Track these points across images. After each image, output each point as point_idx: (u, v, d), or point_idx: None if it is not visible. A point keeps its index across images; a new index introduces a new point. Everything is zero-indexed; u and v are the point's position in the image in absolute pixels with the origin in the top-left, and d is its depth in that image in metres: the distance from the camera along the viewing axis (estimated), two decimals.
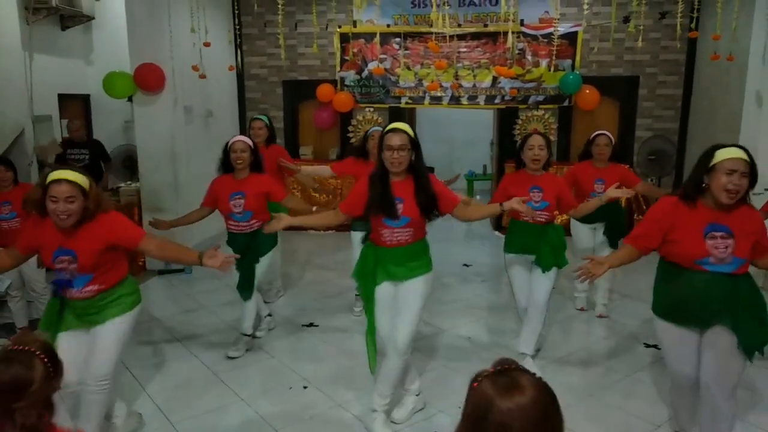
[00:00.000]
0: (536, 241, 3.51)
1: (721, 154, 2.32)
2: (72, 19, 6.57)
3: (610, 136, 4.36)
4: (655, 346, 3.86)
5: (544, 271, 3.51)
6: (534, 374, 1.12)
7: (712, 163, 2.33)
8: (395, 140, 2.73)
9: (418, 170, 2.81)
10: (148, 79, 5.54)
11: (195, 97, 6.35)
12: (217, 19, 6.80)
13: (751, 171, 2.30)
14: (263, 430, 3.03)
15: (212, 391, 3.45)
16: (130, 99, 5.93)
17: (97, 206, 2.55)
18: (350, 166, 4.40)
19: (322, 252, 6.65)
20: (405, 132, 2.76)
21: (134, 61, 5.58)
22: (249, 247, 3.80)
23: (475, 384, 1.10)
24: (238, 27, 7.18)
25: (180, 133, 5.97)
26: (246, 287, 3.86)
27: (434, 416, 3.15)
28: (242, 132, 7.12)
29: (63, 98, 6.63)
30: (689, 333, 2.50)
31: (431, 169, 10.60)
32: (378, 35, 5.96)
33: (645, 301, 3.24)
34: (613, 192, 3.44)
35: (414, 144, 2.78)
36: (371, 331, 2.94)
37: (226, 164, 3.82)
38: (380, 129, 3.43)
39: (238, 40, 7.40)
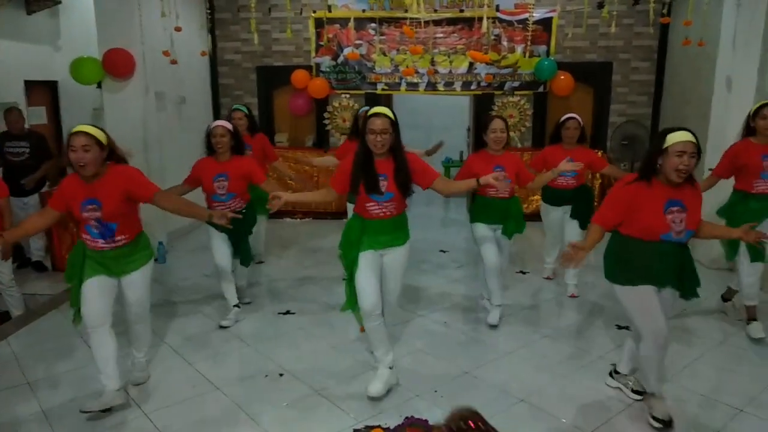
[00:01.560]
0: (502, 214, 4.00)
1: (673, 138, 2.62)
2: (37, 2, 6.38)
3: (579, 119, 4.51)
4: (626, 328, 3.94)
5: (509, 238, 4.10)
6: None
7: (664, 146, 2.62)
8: (378, 124, 2.94)
9: (397, 151, 3.05)
10: (117, 65, 5.41)
11: (167, 83, 6.22)
12: (189, 3, 6.66)
13: (697, 152, 2.61)
14: (239, 418, 3.02)
15: (187, 380, 3.41)
16: (99, 85, 5.79)
17: (116, 155, 2.97)
18: (349, 149, 4.47)
19: (301, 240, 6.62)
20: (387, 116, 2.97)
21: (102, 46, 5.44)
22: (232, 226, 3.93)
23: None
24: (209, 11, 7.05)
25: (152, 120, 5.86)
26: (245, 259, 4.29)
27: (410, 400, 3.17)
28: (216, 118, 7.01)
29: (30, 85, 6.45)
30: (651, 289, 2.79)
31: None
32: (352, 20, 5.90)
33: None
34: (564, 165, 3.92)
35: (395, 126, 3.00)
36: (351, 282, 3.18)
37: (210, 147, 4.03)
38: (368, 108, 3.66)
39: (211, 24, 7.27)
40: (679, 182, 2.65)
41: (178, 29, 5.31)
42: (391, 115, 2.98)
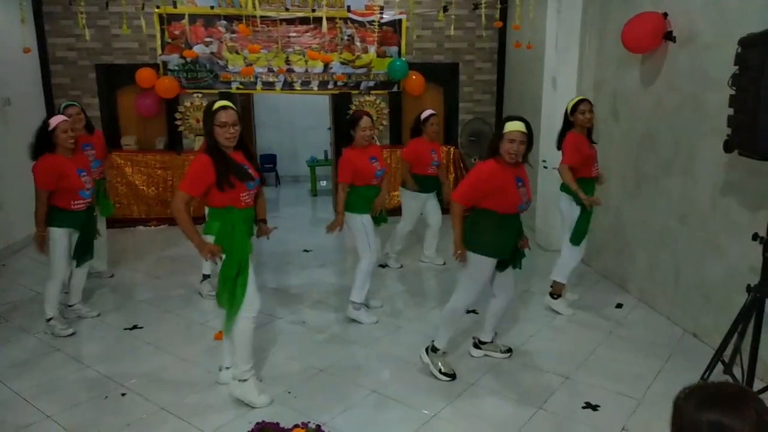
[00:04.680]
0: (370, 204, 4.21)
1: (508, 126, 3.10)
2: None
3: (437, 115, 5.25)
4: (474, 312, 4.20)
5: (378, 225, 4.30)
6: None
7: (502, 132, 3.09)
8: (229, 116, 2.95)
9: (244, 142, 3.12)
10: None
11: None
12: None
13: (528, 139, 3.08)
14: None
15: (12, 411, 3.08)
16: None
17: None
18: None
19: (155, 248, 6.24)
20: (233, 108, 3.02)
21: None
22: (88, 222, 4.04)
23: None
24: (35, 4, 6.39)
25: None
26: (85, 254, 4.10)
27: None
28: None
29: None
30: (493, 262, 3.24)
31: (273, 156, 10.38)
32: (186, 17, 5.66)
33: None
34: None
35: (241, 119, 3.07)
36: (236, 307, 2.98)
37: (49, 146, 3.78)
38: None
39: (38, 18, 6.60)
40: (513, 162, 3.10)
41: None
42: (236, 108, 3.04)
